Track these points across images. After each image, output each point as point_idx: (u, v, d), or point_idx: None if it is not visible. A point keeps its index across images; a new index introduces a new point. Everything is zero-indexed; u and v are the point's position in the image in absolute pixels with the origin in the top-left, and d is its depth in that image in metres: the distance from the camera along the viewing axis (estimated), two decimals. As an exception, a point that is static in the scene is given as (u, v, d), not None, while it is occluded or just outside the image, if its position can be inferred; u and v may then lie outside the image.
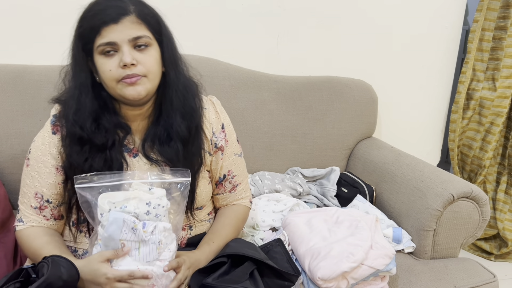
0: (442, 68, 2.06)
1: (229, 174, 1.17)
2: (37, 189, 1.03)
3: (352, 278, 1.06)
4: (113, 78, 0.96)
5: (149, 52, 0.98)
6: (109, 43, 0.94)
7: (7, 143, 1.42)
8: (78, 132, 0.99)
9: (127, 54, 0.94)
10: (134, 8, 0.96)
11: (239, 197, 1.21)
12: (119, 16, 0.94)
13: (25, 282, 0.89)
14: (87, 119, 0.99)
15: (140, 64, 0.96)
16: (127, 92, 0.96)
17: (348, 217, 1.23)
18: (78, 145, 1.00)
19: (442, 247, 1.36)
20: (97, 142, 1.00)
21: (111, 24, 0.93)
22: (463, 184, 1.34)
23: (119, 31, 0.94)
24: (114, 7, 0.94)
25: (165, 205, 0.92)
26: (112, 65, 0.95)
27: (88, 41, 0.96)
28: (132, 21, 0.95)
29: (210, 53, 1.73)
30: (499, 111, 2.04)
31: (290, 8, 1.80)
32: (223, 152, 1.15)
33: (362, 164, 1.73)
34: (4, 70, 1.47)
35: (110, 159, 1.01)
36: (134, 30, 0.95)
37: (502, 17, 1.98)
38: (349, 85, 1.82)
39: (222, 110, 1.18)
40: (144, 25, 0.97)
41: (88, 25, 0.95)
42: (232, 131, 1.18)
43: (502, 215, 2.14)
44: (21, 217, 1.05)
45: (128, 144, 1.08)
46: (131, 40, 0.95)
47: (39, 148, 1.04)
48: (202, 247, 1.07)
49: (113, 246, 0.89)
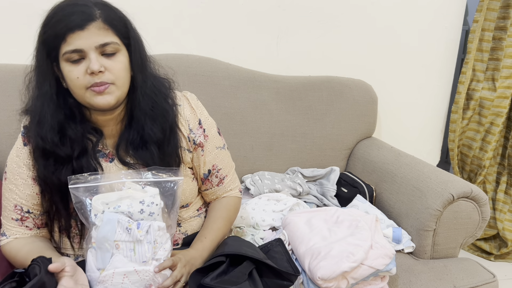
0: (442, 68, 2.06)
1: (214, 169, 1.16)
2: (16, 201, 1.02)
3: (352, 278, 1.06)
4: (81, 86, 0.93)
5: (117, 59, 0.95)
6: (75, 50, 0.91)
7: (7, 143, 1.42)
8: (41, 144, 0.96)
9: (95, 62, 0.91)
10: (100, 12, 0.93)
11: (228, 189, 1.20)
12: (85, 22, 0.90)
13: (20, 282, 0.89)
14: (49, 131, 0.96)
15: (108, 71, 0.93)
16: (96, 100, 0.94)
17: (348, 217, 1.23)
18: (42, 157, 0.98)
19: (442, 247, 1.36)
20: (61, 154, 0.97)
21: (77, 30, 0.90)
22: (463, 184, 1.34)
23: (86, 38, 0.90)
24: (79, 13, 0.90)
25: (159, 203, 0.92)
26: (79, 72, 0.92)
27: (53, 48, 0.92)
28: (99, 27, 0.92)
29: (210, 53, 1.73)
30: (499, 111, 2.04)
31: (290, 8, 1.81)
32: (203, 149, 1.13)
33: (362, 164, 1.73)
34: (5, 70, 1.47)
35: (80, 168, 0.99)
36: (101, 37, 0.92)
37: (502, 18, 1.98)
38: (349, 85, 1.82)
39: (199, 105, 1.15)
40: (111, 31, 0.94)
41: (53, 31, 0.92)
42: (211, 125, 1.16)
43: (502, 215, 2.14)
44: (4, 231, 1.04)
45: (102, 149, 1.06)
46: (98, 47, 0.92)
47: (14, 160, 1.03)
48: (195, 245, 1.06)
49: (107, 248, 0.88)
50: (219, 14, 1.74)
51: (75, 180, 0.90)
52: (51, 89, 0.96)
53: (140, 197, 0.90)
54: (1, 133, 1.42)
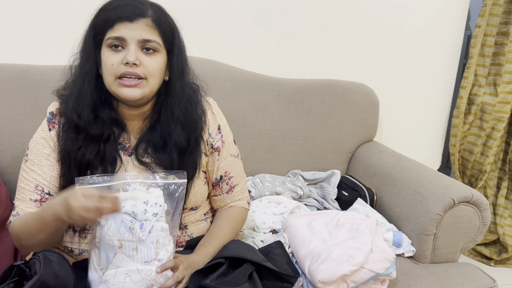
0: (443, 72, 2.06)
1: (226, 175, 1.17)
2: (37, 182, 1.03)
3: (352, 281, 1.06)
4: (112, 74, 0.97)
5: (154, 57, 0.99)
6: (118, 37, 0.96)
7: (9, 142, 1.42)
8: (75, 120, 1.00)
9: (132, 53, 0.95)
10: (152, 13, 0.98)
11: (236, 198, 1.21)
12: (135, 16, 0.96)
13: (19, 279, 0.89)
14: (86, 108, 1.00)
15: (142, 65, 0.97)
16: (122, 91, 0.97)
17: (348, 220, 1.23)
18: (74, 132, 1.01)
19: (442, 252, 1.36)
20: (92, 132, 1.01)
21: (126, 21, 0.95)
22: (463, 189, 1.34)
23: (131, 29, 0.95)
24: (133, 7, 0.96)
25: (163, 205, 0.93)
26: (115, 60, 0.96)
27: (100, 32, 0.98)
28: (147, 24, 0.97)
29: (213, 55, 1.73)
30: (500, 116, 2.04)
31: (293, 11, 1.81)
32: (219, 153, 1.15)
33: (363, 168, 1.73)
34: (7, 70, 1.47)
35: (103, 152, 1.02)
36: (145, 32, 0.97)
37: (504, 23, 1.98)
38: (350, 88, 1.82)
39: (219, 111, 1.18)
40: (157, 31, 0.98)
41: (104, 17, 0.97)
42: (228, 132, 1.18)
43: (502, 221, 2.14)
44: (17, 212, 1.03)
45: (123, 142, 1.08)
46: (140, 41, 0.96)
47: (39, 142, 1.05)
48: (199, 250, 1.07)
49: (111, 247, 0.89)
50: (222, 17, 1.74)
51: (82, 181, 0.91)
52: (92, 70, 1.00)
53: (144, 198, 0.91)
54: (2, 133, 1.42)
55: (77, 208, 0.82)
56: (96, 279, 0.91)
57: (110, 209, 0.85)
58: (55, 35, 1.58)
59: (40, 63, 1.54)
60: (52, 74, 1.48)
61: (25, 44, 1.59)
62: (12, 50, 1.58)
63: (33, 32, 1.58)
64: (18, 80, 1.46)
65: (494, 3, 1.98)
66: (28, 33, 1.58)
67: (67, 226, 1.05)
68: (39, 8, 1.56)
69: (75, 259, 1.08)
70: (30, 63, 1.54)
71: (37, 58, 1.57)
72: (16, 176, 1.08)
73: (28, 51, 1.59)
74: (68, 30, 1.57)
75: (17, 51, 1.58)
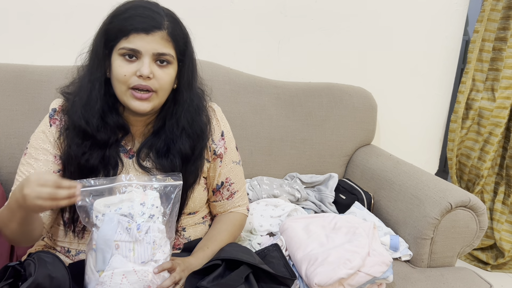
0: (441, 77, 2.07)
1: (227, 182, 1.17)
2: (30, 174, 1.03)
3: (349, 284, 1.06)
4: (125, 84, 0.96)
5: (167, 70, 0.98)
6: (133, 49, 0.95)
7: (6, 143, 1.41)
8: (84, 126, 0.99)
9: (146, 66, 0.94)
10: (168, 24, 0.97)
11: (236, 204, 1.21)
12: (152, 28, 0.94)
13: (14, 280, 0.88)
14: (95, 115, 0.99)
15: (155, 78, 0.97)
16: (134, 104, 0.97)
17: (345, 223, 1.22)
18: (80, 138, 1.00)
19: (439, 256, 1.36)
20: (99, 139, 1.00)
21: (142, 33, 0.94)
22: (461, 193, 1.34)
23: (147, 42, 0.94)
24: (149, 18, 0.95)
25: (159, 206, 0.93)
26: (128, 71, 0.95)
27: (113, 39, 0.96)
28: (162, 37, 0.96)
29: (211, 57, 1.73)
30: (498, 121, 2.05)
31: (292, 15, 1.81)
32: (221, 160, 1.15)
33: (361, 171, 1.74)
34: (5, 70, 1.47)
35: (107, 157, 1.02)
36: (161, 46, 0.96)
37: (502, 28, 1.99)
38: (349, 92, 1.82)
39: (223, 117, 1.18)
40: (172, 44, 0.98)
41: (118, 25, 0.95)
42: (231, 139, 1.18)
43: (499, 226, 2.14)
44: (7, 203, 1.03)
45: (125, 145, 1.08)
46: (155, 54, 0.96)
47: (39, 137, 1.05)
48: (196, 253, 1.07)
49: (108, 248, 0.89)
50: (221, 19, 1.74)
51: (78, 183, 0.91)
52: (102, 76, 0.99)
53: (141, 200, 0.91)
54: (1, 133, 1.42)
55: (31, 196, 0.81)
56: (92, 281, 0.90)
57: (65, 197, 0.83)
58: (53, 36, 1.58)
59: (38, 64, 1.54)
60: (50, 74, 1.47)
61: (23, 44, 1.59)
62: (10, 50, 1.57)
63: (31, 33, 1.58)
64: (16, 80, 1.46)
65: (492, 8, 1.99)
66: (26, 33, 1.58)
67: (53, 221, 1.04)
68: (37, 8, 1.56)
69: (72, 260, 1.07)
70: (28, 63, 1.54)
71: (35, 59, 1.57)
72: (13, 176, 1.08)
73: (26, 52, 1.59)
74: (66, 31, 1.57)
75: (15, 51, 1.58)
